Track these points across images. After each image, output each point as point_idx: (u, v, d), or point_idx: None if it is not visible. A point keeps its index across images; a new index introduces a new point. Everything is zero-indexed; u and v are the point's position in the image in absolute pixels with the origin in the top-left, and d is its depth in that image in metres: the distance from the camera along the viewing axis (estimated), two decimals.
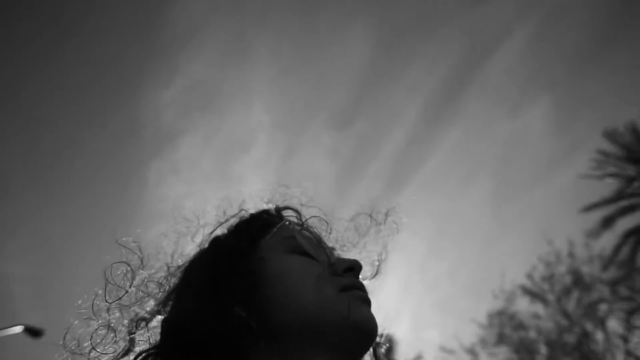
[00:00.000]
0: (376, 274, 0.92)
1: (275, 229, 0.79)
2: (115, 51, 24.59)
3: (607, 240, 14.46)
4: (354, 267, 0.77)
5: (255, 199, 0.92)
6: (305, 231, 0.84)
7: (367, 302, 0.74)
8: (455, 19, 26.18)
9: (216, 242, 0.83)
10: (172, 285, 0.82)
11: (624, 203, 14.44)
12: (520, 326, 14.79)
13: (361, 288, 0.75)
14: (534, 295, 14.72)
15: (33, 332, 7.50)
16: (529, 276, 14.94)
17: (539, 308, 14.73)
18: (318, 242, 0.83)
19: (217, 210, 0.90)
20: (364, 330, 0.70)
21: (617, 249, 14.06)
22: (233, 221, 0.87)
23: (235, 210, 0.89)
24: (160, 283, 0.83)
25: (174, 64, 25.44)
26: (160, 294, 0.82)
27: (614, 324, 13.82)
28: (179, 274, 0.83)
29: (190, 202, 0.94)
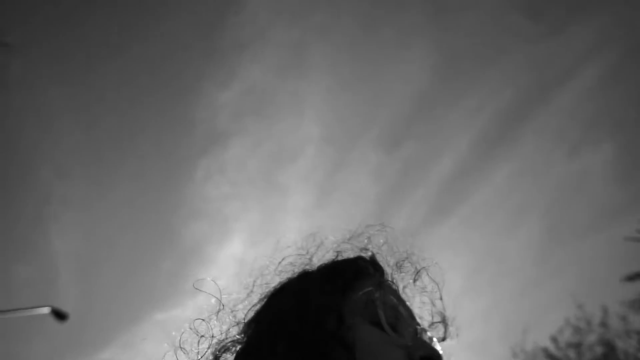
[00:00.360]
0: (444, 338, 0.85)
1: (361, 292, 0.74)
2: (180, 51, 25.61)
3: None
4: (432, 357, 0.71)
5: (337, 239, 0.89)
6: (392, 297, 0.78)
7: None
8: (523, 47, 25.64)
9: (306, 279, 0.81)
10: (250, 315, 0.80)
11: None
12: None
13: None
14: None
15: (59, 314, 7.72)
16: (554, 339, 14.09)
17: None
18: (405, 311, 0.78)
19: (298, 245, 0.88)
20: None
21: None
22: (318, 256, 0.86)
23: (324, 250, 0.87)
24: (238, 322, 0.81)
25: (233, 67, 26.13)
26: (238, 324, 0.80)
27: None
28: (261, 305, 0.81)
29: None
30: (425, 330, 0.81)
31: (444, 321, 0.86)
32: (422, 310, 0.86)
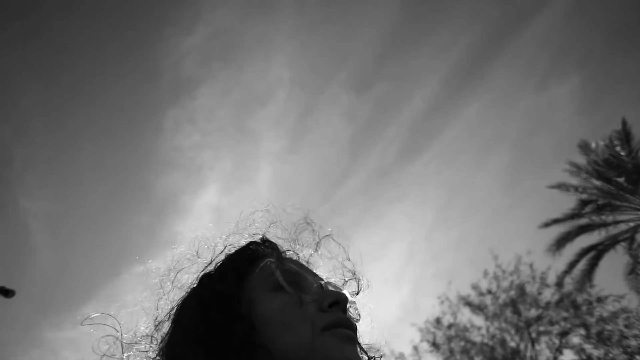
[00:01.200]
0: (359, 291, 0.92)
1: (258, 268, 0.80)
2: None
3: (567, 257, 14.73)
4: (339, 301, 0.76)
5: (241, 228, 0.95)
6: (290, 263, 0.83)
7: (351, 340, 0.73)
8: None
9: (203, 282, 0.84)
10: (163, 334, 0.82)
11: (582, 221, 14.62)
12: (457, 335, 15.33)
13: (345, 324, 0.73)
14: (473, 306, 15.16)
15: (4, 291, 7.65)
16: (474, 287, 15.32)
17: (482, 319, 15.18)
18: (306, 272, 0.83)
19: (202, 244, 0.92)
20: None
21: (571, 266, 14.44)
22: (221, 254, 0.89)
23: (221, 246, 0.91)
24: (151, 336, 0.83)
25: (196, 9, 24.99)
26: (153, 346, 0.82)
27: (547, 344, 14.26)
28: (169, 321, 0.83)
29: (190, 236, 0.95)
30: (330, 283, 0.85)
31: (355, 277, 0.93)
32: (335, 273, 0.92)
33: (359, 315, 0.88)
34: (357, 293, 0.91)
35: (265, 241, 0.91)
